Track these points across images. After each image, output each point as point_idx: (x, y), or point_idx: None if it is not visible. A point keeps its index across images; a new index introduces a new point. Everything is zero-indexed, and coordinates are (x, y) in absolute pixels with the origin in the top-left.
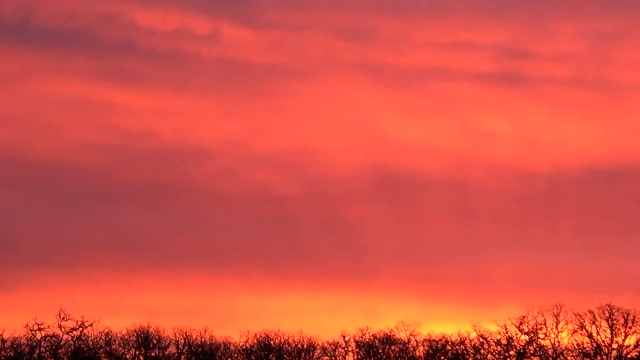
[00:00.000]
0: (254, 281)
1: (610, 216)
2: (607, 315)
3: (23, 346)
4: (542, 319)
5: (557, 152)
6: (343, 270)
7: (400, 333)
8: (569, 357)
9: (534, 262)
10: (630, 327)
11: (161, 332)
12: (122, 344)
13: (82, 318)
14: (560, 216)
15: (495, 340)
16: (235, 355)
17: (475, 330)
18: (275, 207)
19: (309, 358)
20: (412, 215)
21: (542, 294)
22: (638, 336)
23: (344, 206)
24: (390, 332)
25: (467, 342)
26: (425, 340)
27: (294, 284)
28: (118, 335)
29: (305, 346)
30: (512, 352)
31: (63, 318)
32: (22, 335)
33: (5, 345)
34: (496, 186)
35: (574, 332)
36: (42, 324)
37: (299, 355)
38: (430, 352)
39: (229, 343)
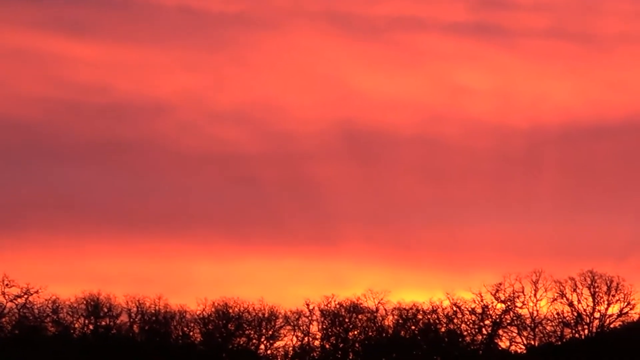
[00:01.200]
0: (212, 246)
1: (593, 176)
2: (589, 282)
3: None
4: (520, 286)
5: (536, 107)
6: (307, 235)
7: (368, 301)
8: (548, 327)
9: (511, 225)
10: (613, 295)
11: (112, 300)
12: (70, 313)
13: (27, 285)
14: (540, 176)
15: (470, 309)
16: (192, 325)
17: (448, 298)
18: (236, 166)
19: (270, 327)
20: (381, 175)
21: (519, 259)
22: (621, 305)
23: (309, 165)
24: (357, 300)
25: (439, 310)
26: (394, 308)
27: (255, 248)
28: (66, 303)
29: (266, 315)
30: (487, 322)
31: (7, 284)
32: None
33: None
34: (471, 144)
35: (553, 301)
36: None
37: (260, 325)
38: (400, 321)
39: (185, 312)
